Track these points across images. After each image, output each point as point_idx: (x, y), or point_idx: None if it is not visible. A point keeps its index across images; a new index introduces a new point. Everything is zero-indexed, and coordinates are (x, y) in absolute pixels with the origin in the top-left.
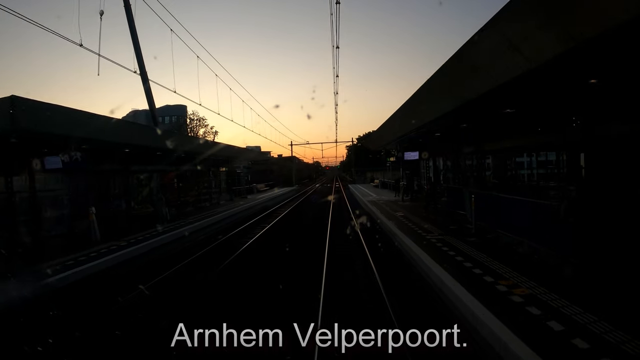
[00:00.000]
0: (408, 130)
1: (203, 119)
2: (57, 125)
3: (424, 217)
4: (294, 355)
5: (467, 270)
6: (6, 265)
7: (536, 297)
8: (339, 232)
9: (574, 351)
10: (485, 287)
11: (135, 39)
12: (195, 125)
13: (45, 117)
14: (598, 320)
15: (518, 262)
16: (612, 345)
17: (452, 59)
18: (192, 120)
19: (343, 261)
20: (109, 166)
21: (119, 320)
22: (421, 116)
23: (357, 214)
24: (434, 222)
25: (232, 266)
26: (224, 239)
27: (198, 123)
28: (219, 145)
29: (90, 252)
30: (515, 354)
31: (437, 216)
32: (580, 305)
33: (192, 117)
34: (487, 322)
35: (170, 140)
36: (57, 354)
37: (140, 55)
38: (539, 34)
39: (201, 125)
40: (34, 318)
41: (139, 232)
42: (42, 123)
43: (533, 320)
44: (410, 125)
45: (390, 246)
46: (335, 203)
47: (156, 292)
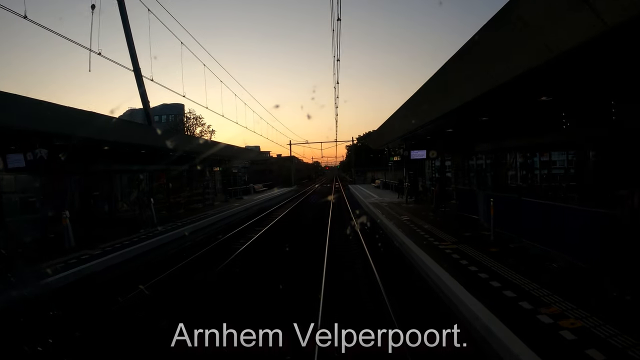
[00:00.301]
0: (416, 126)
1: (200, 118)
2: (19, 118)
3: (433, 222)
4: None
5: (496, 292)
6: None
7: (592, 333)
8: (339, 239)
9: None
10: (527, 318)
11: (129, 35)
12: (192, 124)
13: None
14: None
15: (557, 282)
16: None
17: (487, 28)
18: (188, 119)
19: (345, 275)
20: (87, 166)
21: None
22: (434, 109)
23: (360, 220)
24: (445, 228)
25: (215, 286)
26: (211, 248)
27: (195, 122)
28: (214, 144)
29: (58, 262)
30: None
31: (447, 221)
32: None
33: (189, 115)
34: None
35: (157, 137)
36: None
37: (134, 52)
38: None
39: (198, 123)
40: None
41: (119, 237)
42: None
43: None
44: (420, 120)
45: (398, 256)
46: (335, 205)
47: (111, 325)
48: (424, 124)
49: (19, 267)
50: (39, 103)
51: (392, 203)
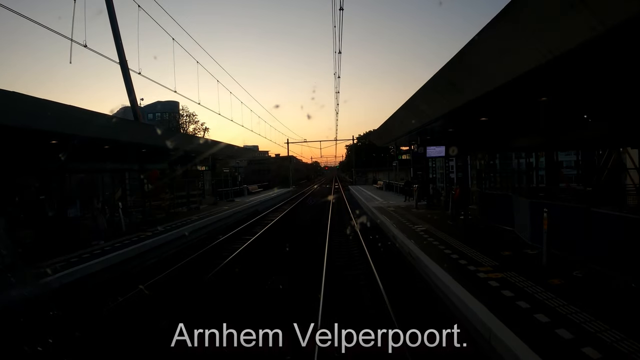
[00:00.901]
0: (437, 115)
1: (193, 115)
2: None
3: (456, 234)
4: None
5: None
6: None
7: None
8: (340, 257)
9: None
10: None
11: (115, 26)
12: (185, 121)
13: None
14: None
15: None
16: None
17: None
18: (181, 117)
19: (347, 299)
20: (28, 163)
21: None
22: (468, 89)
23: (364, 233)
24: (474, 244)
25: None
26: (170, 272)
27: (188, 119)
28: (193, 139)
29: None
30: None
31: (474, 233)
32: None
33: (182, 112)
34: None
35: (126, 131)
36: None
37: (120, 45)
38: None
39: (191, 121)
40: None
41: (64, 253)
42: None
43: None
44: (442, 107)
45: (425, 292)
46: (334, 208)
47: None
48: (449, 111)
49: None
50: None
51: (399, 207)
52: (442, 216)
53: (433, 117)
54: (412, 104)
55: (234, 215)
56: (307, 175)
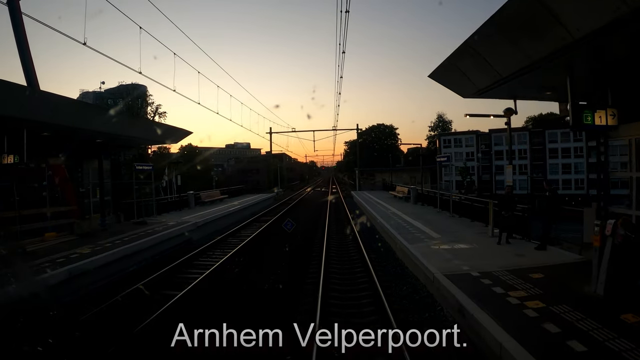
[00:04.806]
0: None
1: (149, 95)
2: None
3: None
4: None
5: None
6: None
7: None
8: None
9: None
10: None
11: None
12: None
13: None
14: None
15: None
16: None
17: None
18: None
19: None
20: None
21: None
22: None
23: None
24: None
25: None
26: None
27: (144, 102)
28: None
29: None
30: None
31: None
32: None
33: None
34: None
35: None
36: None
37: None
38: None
39: (146, 102)
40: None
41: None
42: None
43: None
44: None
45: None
46: (334, 257)
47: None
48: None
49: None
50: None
51: (512, 270)
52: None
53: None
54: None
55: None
56: (301, 175)
